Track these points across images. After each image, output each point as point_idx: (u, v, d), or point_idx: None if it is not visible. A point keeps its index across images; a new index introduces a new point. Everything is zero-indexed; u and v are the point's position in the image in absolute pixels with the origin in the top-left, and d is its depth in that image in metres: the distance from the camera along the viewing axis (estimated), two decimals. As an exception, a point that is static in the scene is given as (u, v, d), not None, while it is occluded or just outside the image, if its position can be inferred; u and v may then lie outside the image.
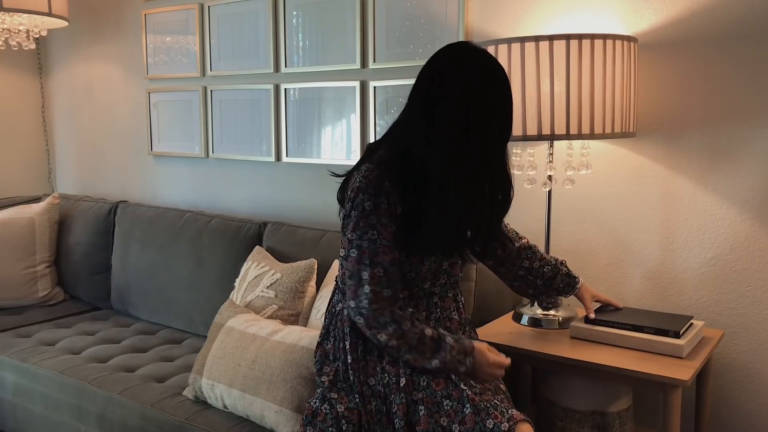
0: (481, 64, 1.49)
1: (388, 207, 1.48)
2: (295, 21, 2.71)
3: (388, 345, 1.50)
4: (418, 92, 1.53)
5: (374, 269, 1.48)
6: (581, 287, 1.87)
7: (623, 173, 2.09)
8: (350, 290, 1.52)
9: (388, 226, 1.49)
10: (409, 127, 1.53)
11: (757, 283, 1.94)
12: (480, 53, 1.51)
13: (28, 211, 3.06)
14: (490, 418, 1.44)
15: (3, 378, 2.39)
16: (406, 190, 1.50)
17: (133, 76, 3.33)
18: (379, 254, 1.48)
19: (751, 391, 1.98)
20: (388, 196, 1.48)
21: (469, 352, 1.52)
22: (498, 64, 1.52)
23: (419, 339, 1.49)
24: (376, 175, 1.49)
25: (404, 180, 1.50)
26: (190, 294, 2.65)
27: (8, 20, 2.80)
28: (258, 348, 1.90)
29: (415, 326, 1.50)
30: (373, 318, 1.50)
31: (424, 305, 1.62)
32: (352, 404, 1.57)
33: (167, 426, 1.93)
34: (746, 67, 1.90)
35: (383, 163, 1.52)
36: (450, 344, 1.51)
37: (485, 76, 1.48)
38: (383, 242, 1.48)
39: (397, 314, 1.50)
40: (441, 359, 1.50)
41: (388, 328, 1.49)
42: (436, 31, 2.36)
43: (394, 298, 1.51)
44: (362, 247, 1.49)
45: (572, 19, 2.11)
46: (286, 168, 2.83)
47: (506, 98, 1.51)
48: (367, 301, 1.49)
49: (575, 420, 1.87)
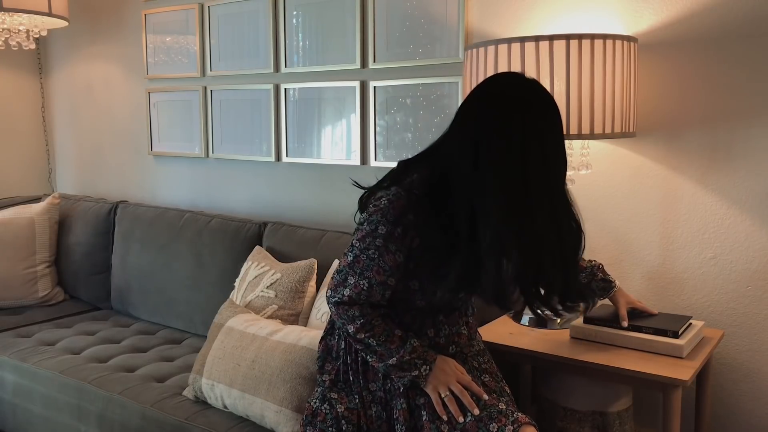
0: (543, 101, 1.42)
1: (403, 239, 1.44)
2: (295, 21, 2.71)
3: (356, 336, 1.50)
4: (467, 117, 1.45)
5: (361, 281, 1.47)
6: (617, 292, 1.83)
7: (623, 173, 2.09)
8: (333, 281, 1.51)
9: (394, 254, 1.44)
10: (449, 151, 1.45)
11: (757, 283, 1.94)
12: (539, 88, 1.44)
13: (28, 211, 3.06)
14: (493, 422, 1.43)
15: (3, 378, 2.39)
16: (438, 216, 1.42)
17: (133, 76, 3.33)
18: (371, 271, 1.46)
19: (751, 391, 1.98)
20: (407, 229, 1.43)
21: (430, 361, 1.50)
22: (554, 102, 1.44)
23: (387, 335, 1.49)
24: (402, 204, 1.43)
25: (437, 207, 1.42)
26: (190, 294, 2.64)
27: (8, 20, 2.80)
28: (258, 348, 1.90)
29: (385, 323, 1.50)
30: (344, 310, 1.50)
31: (430, 323, 1.59)
32: (352, 404, 1.57)
33: (167, 426, 1.93)
34: (746, 67, 1.89)
35: (414, 188, 1.45)
36: (414, 346, 1.50)
37: (546, 114, 1.41)
38: (381, 264, 1.45)
39: (366, 311, 1.49)
40: (398, 357, 1.48)
41: (356, 321, 1.49)
42: (436, 31, 2.36)
43: (370, 305, 1.50)
44: (359, 257, 1.47)
45: (572, 19, 2.11)
46: (286, 168, 2.83)
47: (562, 136, 1.44)
48: (339, 299, 1.50)
49: (575, 420, 1.87)
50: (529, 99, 1.41)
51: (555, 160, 1.42)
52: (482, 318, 2.03)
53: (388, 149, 2.52)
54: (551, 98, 1.45)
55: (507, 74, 1.53)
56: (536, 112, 1.40)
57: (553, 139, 1.41)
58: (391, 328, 1.50)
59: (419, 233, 1.44)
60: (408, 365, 1.49)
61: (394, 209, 1.43)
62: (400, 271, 1.47)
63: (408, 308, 1.56)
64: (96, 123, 3.56)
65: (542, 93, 1.44)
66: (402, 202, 1.43)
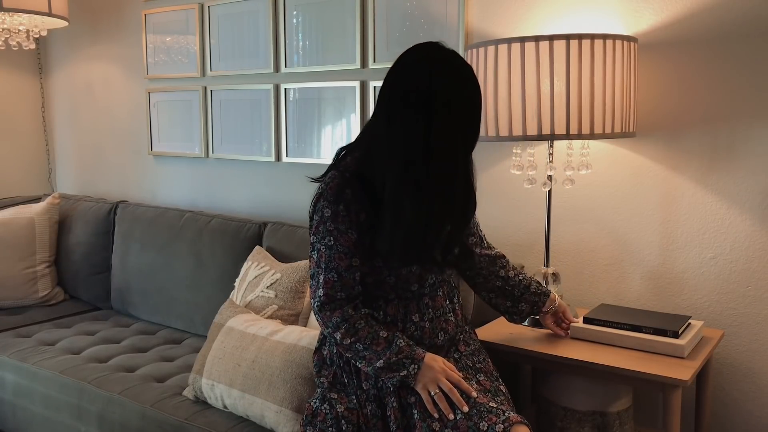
0: (449, 66, 1.45)
1: (348, 215, 1.49)
2: (295, 21, 2.71)
3: (343, 343, 1.52)
4: (382, 95, 1.51)
5: (329, 274, 1.51)
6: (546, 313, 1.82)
7: (623, 173, 2.09)
8: (311, 289, 1.56)
9: (346, 233, 1.50)
10: (374, 132, 1.52)
11: (757, 283, 1.94)
12: (450, 54, 1.47)
13: (28, 211, 3.06)
14: (483, 420, 1.44)
15: (3, 378, 2.39)
16: (372, 196, 1.49)
17: (133, 76, 3.33)
18: (334, 260, 1.50)
19: (751, 391, 1.98)
20: (349, 204, 1.49)
21: (418, 360, 1.51)
22: (468, 67, 1.48)
23: (372, 338, 1.50)
24: (337, 183, 1.51)
25: (370, 186, 1.50)
26: (190, 294, 2.65)
27: (8, 20, 2.80)
28: (258, 348, 1.90)
29: (369, 325, 1.52)
30: (327, 318, 1.53)
31: (414, 307, 1.59)
32: (352, 405, 1.57)
33: (167, 426, 1.93)
34: (746, 67, 1.89)
35: (348, 170, 1.52)
36: (400, 346, 1.51)
37: (453, 80, 1.44)
38: (339, 248, 1.50)
39: (348, 314, 1.52)
40: (385, 359, 1.49)
41: (340, 327, 1.52)
42: (436, 31, 2.36)
43: (347, 300, 1.53)
44: (320, 251, 1.52)
45: (572, 19, 2.11)
46: (286, 168, 2.83)
47: (473, 103, 1.47)
48: (319, 303, 1.53)
49: (575, 420, 1.87)
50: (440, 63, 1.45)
51: (460, 122, 1.46)
52: (482, 318, 2.03)
53: (388, 149, 2.52)
54: (467, 67, 1.48)
55: (421, 44, 1.54)
56: (439, 75, 1.43)
57: (460, 103, 1.45)
58: (375, 331, 1.52)
59: (362, 207, 1.49)
60: (396, 365, 1.50)
61: (332, 189, 1.51)
62: (359, 250, 1.51)
63: (386, 295, 1.57)
64: (96, 123, 3.56)
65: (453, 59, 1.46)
66: (337, 181, 1.51)
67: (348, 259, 1.51)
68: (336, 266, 1.51)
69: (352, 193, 1.49)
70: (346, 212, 1.49)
